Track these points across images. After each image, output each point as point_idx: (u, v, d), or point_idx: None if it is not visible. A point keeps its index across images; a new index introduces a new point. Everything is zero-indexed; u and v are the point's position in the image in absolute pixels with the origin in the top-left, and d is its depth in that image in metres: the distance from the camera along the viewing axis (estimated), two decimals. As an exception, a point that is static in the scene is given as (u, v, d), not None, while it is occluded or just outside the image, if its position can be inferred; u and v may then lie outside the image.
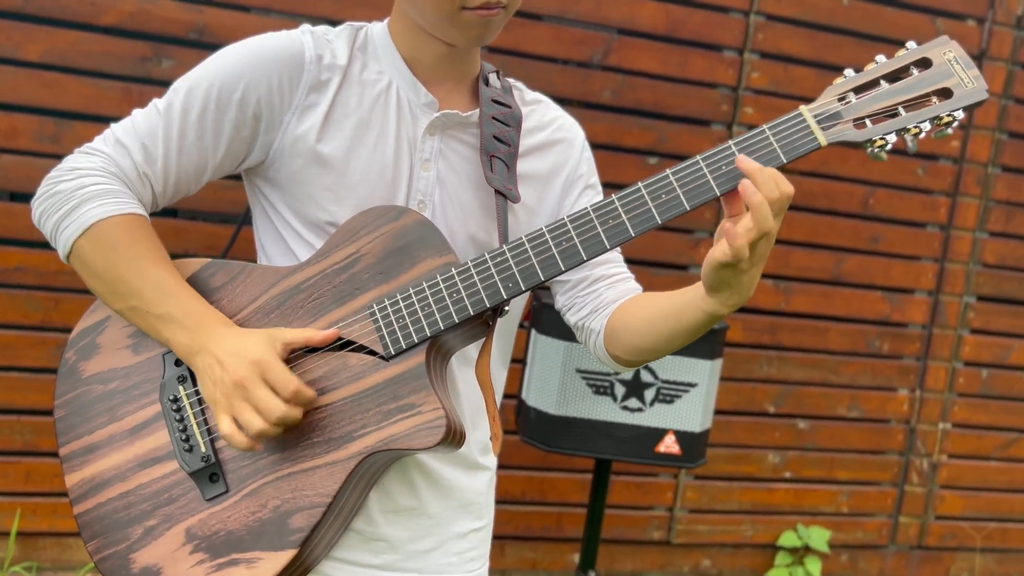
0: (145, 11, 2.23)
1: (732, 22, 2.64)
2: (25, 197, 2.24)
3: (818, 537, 2.94)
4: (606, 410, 1.80)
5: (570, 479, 2.70)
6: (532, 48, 2.49)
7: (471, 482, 1.17)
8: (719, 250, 0.91)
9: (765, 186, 0.90)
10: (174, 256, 1.10)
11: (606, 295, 1.14)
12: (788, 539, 2.93)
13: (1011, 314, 3.03)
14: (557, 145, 1.17)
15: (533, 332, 2.01)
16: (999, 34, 2.85)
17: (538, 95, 1.21)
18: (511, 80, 1.19)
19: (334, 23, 1.15)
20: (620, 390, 1.78)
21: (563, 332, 1.83)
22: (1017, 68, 2.89)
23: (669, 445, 1.80)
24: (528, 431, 1.95)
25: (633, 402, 1.77)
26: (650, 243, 2.62)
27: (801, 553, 2.96)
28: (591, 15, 2.52)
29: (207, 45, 2.28)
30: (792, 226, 2.75)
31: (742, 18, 2.65)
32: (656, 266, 2.67)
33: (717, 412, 2.65)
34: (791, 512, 2.97)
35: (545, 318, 1.93)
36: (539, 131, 1.16)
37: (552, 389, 1.81)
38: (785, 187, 0.92)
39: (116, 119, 2.16)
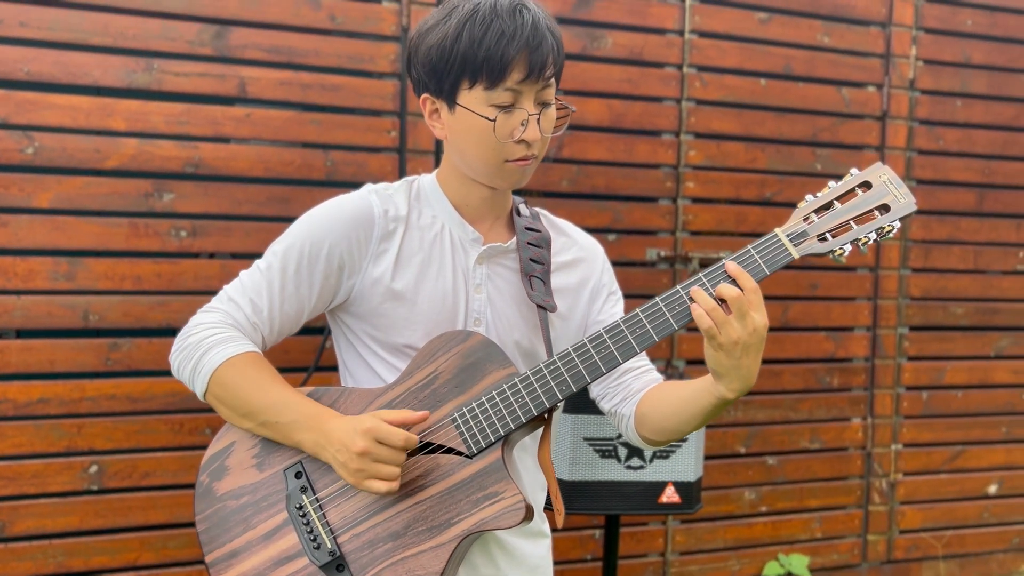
0: (145, 152, 2.44)
1: (667, 109, 2.97)
2: (44, 334, 2.40)
3: (798, 563, 3.18)
4: (613, 471, 2.03)
5: (569, 537, 2.91)
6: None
7: (536, 548, 1.40)
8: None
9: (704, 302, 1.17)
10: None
11: (633, 385, 1.39)
12: (772, 569, 3.17)
13: (940, 339, 3.37)
14: (582, 263, 1.43)
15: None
16: (896, 96, 3.24)
17: (560, 220, 1.47)
18: (536, 208, 1.45)
19: (307, 146, 1.40)
20: (623, 452, 2.02)
21: (569, 407, 2.06)
22: (915, 123, 3.28)
23: (670, 495, 2.03)
24: (547, 497, 2.17)
25: (635, 461, 2.01)
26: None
27: (785, 580, 3.21)
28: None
29: (203, 177, 2.51)
30: (741, 283, 3.05)
31: (675, 105, 2.98)
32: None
33: (695, 459, 2.91)
34: (771, 543, 3.22)
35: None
36: (566, 251, 1.42)
37: (564, 457, 2.04)
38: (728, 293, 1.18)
39: (124, 253, 2.41)
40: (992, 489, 3.49)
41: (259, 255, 2.60)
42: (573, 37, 2.82)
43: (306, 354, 2.55)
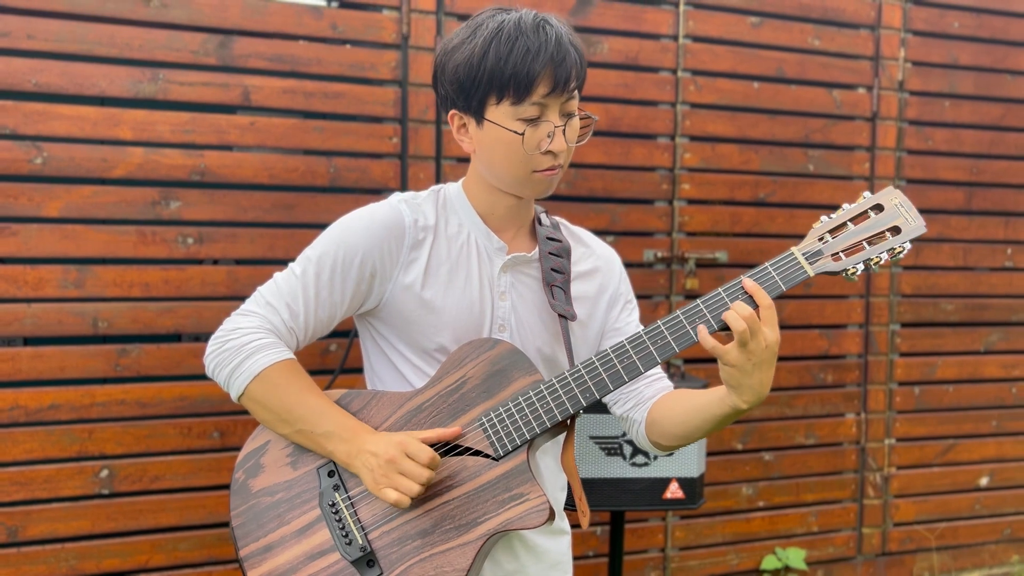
0: (152, 161, 2.48)
1: (662, 113, 3.03)
2: (54, 340, 2.44)
3: (795, 557, 3.25)
4: (618, 468, 2.08)
5: (573, 534, 2.95)
6: (495, 154, 2.81)
7: (556, 545, 1.45)
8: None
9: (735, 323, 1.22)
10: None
11: (645, 392, 1.45)
12: (770, 562, 3.23)
13: (931, 335, 3.44)
14: (600, 272, 1.48)
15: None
16: (886, 97, 3.31)
17: (579, 228, 1.53)
18: (556, 217, 1.50)
19: (311, 153, 1.45)
20: (628, 450, 2.08)
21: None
22: (905, 124, 3.35)
23: (674, 491, 2.09)
24: (567, 496, 2.22)
25: (640, 458, 2.07)
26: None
27: (782, 573, 3.27)
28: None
29: (209, 184, 2.55)
30: (736, 282, 3.11)
31: (670, 109, 3.04)
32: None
33: (694, 456, 2.97)
34: (768, 537, 3.28)
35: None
36: (585, 260, 1.47)
37: (570, 456, 2.09)
38: (755, 325, 1.22)
39: (132, 261, 2.44)
40: (983, 481, 3.56)
41: (265, 261, 2.65)
42: (570, 43, 2.87)
43: (313, 356, 2.59)
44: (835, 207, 3.35)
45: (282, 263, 2.59)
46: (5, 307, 2.37)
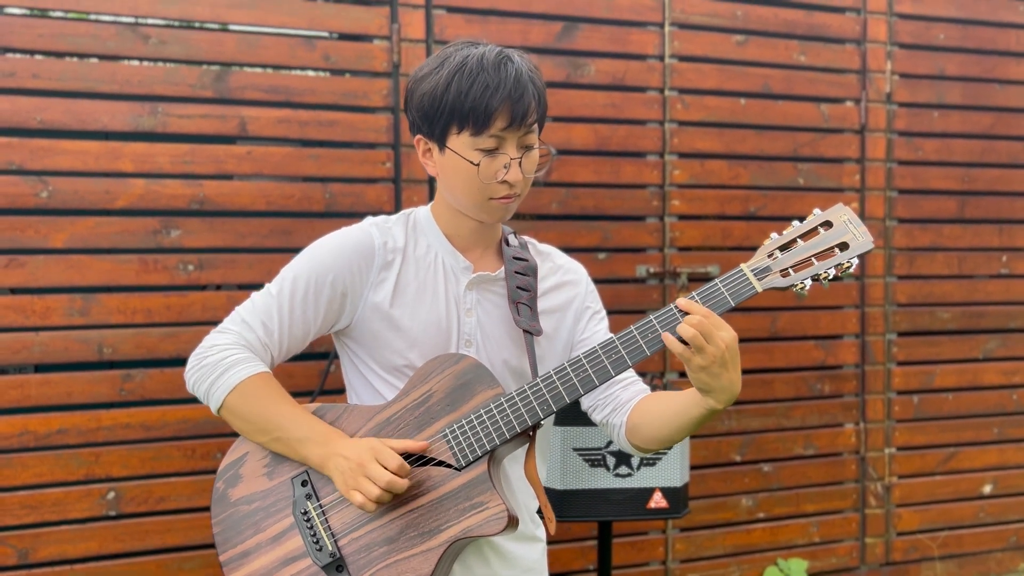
0: (153, 191, 2.57)
1: (651, 131, 3.09)
2: (61, 367, 2.53)
3: (797, 568, 3.26)
4: (602, 479, 2.13)
5: (570, 548, 3.00)
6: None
7: (529, 552, 1.51)
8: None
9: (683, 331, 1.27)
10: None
11: (622, 396, 1.50)
12: (772, 573, 3.25)
13: (928, 344, 3.46)
14: (566, 286, 1.55)
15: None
16: (874, 110, 3.35)
17: (547, 246, 1.59)
18: (524, 237, 1.56)
19: (306, 180, 1.52)
20: (611, 460, 2.12)
21: (559, 419, 2.17)
22: (894, 135, 3.39)
23: (658, 501, 2.13)
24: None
25: (623, 469, 2.11)
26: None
27: (785, 584, 3.28)
28: (532, 142, 2.94)
29: (208, 213, 2.63)
30: (729, 295, 3.15)
31: (658, 127, 3.10)
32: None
33: (692, 467, 3.00)
34: (770, 549, 3.30)
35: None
36: (552, 275, 1.54)
37: (555, 467, 2.15)
38: (690, 333, 1.27)
39: (136, 288, 2.52)
40: (987, 489, 3.56)
41: (264, 285, 2.72)
42: (557, 66, 2.95)
43: (309, 379, 2.66)
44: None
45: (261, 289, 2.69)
46: (14, 336, 2.46)
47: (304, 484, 1.39)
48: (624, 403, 1.51)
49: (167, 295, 2.59)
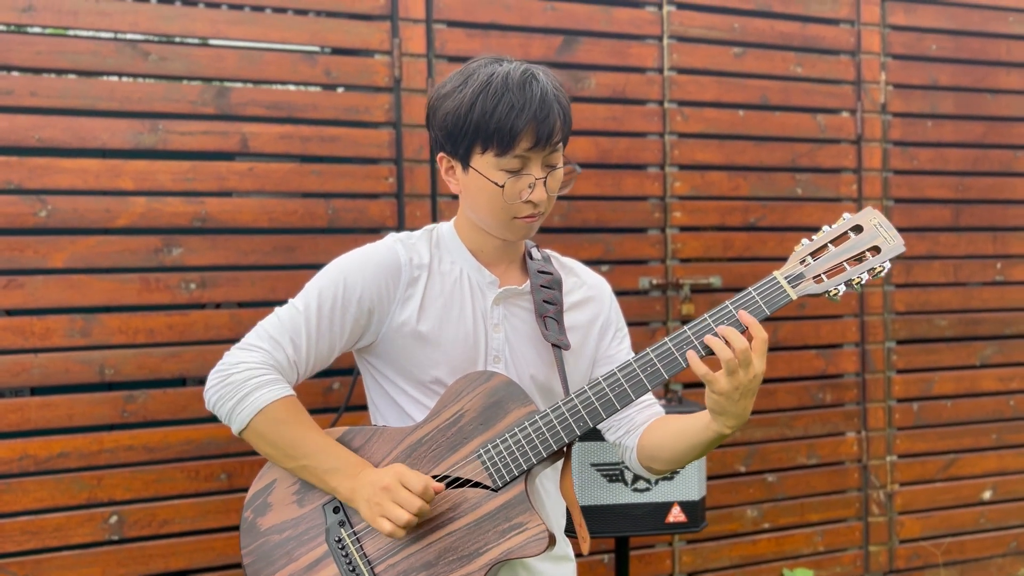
0: (154, 210, 2.54)
1: (651, 143, 3.09)
2: (62, 389, 2.48)
3: (803, 578, 3.26)
4: (621, 494, 2.11)
5: (579, 563, 2.97)
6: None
7: (560, 571, 1.49)
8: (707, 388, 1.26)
9: (721, 352, 1.25)
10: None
11: (637, 418, 1.49)
12: (778, 584, 3.24)
13: (927, 351, 3.48)
14: (591, 302, 1.53)
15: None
16: (870, 120, 3.38)
17: (569, 260, 1.58)
18: (546, 250, 1.55)
19: (309, 195, 1.50)
20: (629, 476, 2.11)
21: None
22: (890, 145, 3.42)
23: (676, 515, 2.12)
24: (566, 522, 2.25)
25: (641, 484, 2.10)
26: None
27: (791, 595, 3.28)
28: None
29: (210, 230, 2.60)
30: (731, 306, 3.15)
31: (659, 139, 3.10)
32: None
33: (697, 480, 2.99)
34: (775, 559, 3.29)
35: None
36: (576, 290, 1.52)
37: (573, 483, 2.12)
38: (740, 344, 1.26)
39: (137, 308, 2.48)
40: (987, 495, 3.58)
41: (267, 303, 2.69)
42: (558, 79, 2.95)
43: (312, 396, 2.63)
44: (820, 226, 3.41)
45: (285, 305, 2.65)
46: (13, 358, 2.41)
47: (336, 511, 1.36)
48: (638, 425, 1.50)
49: (169, 314, 2.55)
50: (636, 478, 2.10)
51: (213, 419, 2.61)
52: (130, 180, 2.52)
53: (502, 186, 1.35)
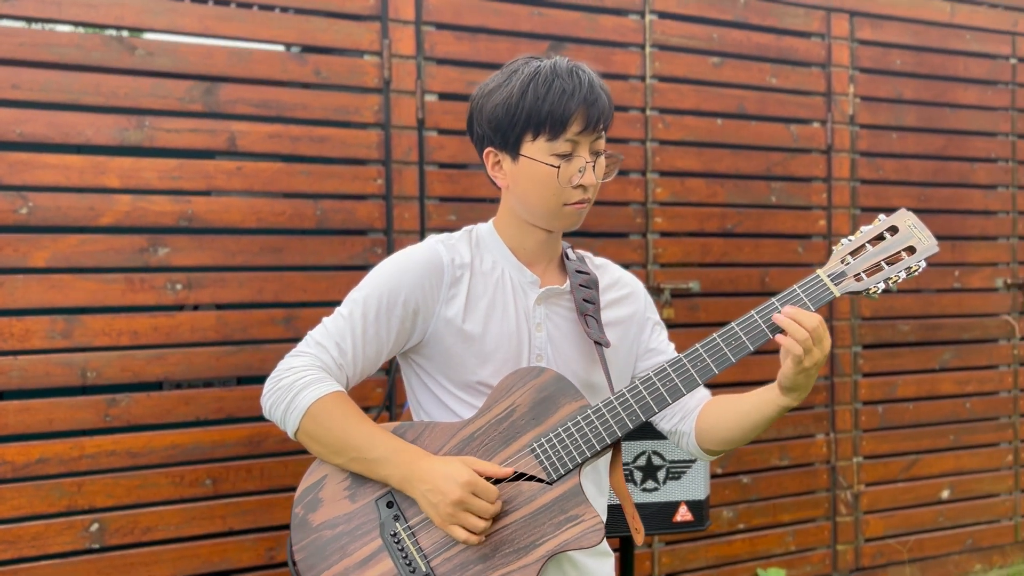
0: (140, 208, 2.47)
1: (633, 150, 3.14)
2: (42, 393, 2.39)
3: (776, 577, 3.33)
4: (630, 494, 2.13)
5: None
6: (477, 193, 2.88)
7: (602, 567, 1.50)
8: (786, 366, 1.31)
9: (796, 332, 1.30)
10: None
11: (688, 403, 1.52)
12: (752, 583, 3.31)
13: (891, 356, 3.60)
14: (627, 299, 1.55)
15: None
16: (839, 131, 3.49)
17: (601, 259, 1.60)
18: (580, 251, 1.57)
19: (297, 196, 1.49)
20: (638, 475, 2.13)
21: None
22: (857, 156, 3.53)
23: (683, 514, 2.15)
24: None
25: (650, 483, 2.12)
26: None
27: (764, 594, 3.35)
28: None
29: (197, 230, 2.55)
30: (707, 310, 3.21)
31: (640, 146, 3.15)
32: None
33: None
34: (749, 559, 3.36)
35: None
36: (611, 289, 1.54)
37: (581, 485, 2.13)
38: (810, 322, 1.31)
39: (121, 309, 2.43)
40: (945, 494, 3.72)
41: (255, 304, 2.64)
42: (545, 84, 2.97)
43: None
44: (797, 236, 3.51)
45: (272, 306, 2.61)
46: (-10, 360, 2.32)
47: (389, 505, 1.35)
48: (691, 410, 1.53)
49: (154, 316, 2.49)
50: (645, 477, 2.13)
51: (198, 423, 2.55)
52: (115, 177, 2.45)
53: (557, 167, 1.37)
